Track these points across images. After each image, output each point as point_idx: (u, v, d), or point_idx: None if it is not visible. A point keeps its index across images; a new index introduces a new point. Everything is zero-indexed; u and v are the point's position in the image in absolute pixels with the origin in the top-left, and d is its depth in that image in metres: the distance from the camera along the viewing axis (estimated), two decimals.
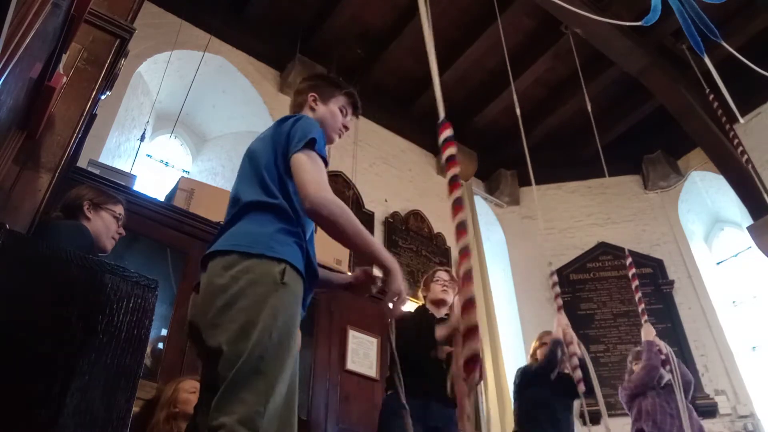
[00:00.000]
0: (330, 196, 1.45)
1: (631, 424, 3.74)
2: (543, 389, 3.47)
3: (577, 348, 3.51)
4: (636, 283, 4.14)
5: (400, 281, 1.51)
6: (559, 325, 3.54)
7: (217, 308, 1.33)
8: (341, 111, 1.85)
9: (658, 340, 3.92)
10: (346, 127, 1.88)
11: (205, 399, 1.35)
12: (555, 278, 3.75)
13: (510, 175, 7.80)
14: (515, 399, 3.65)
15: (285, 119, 1.70)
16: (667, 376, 3.75)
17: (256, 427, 1.19)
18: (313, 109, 1.81)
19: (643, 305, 4.08)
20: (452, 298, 3.11)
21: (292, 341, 1.33)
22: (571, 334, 3.58)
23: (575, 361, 3.32)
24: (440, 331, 2.54)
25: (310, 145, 1.54)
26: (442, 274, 3.15)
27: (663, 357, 3.78)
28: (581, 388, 3.13)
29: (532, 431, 3.42)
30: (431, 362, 2.83)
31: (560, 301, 3.63)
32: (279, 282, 1.33)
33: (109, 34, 2.22)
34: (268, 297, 1.31)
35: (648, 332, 3.94)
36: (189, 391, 2.58)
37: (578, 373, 3.21)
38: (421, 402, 2.70)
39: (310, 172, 1.48)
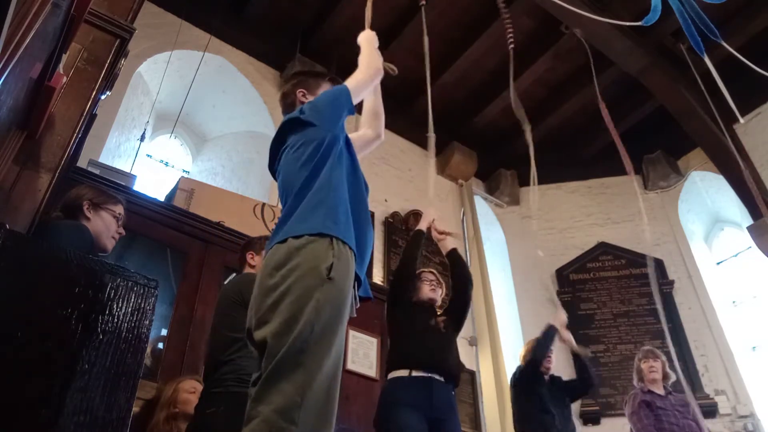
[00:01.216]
0: (355, 85, 1.84)
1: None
2: (539, 389, 3.49)
3: (572, 344, 3.64)
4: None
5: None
6: (557, 319, 3.65)
7: (267, 306, 1.36)
8: None
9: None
10: None
11: None
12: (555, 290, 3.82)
13: (510, 175, 7.79)
14: (513, 401, 3.65)
15: (289, 119, 1.73)
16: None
17: (293, 418, 1.19)
18: (304, 104, 1.83)
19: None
20: (440, 296, 3.14)
21: (335, 337, 1.34)
22: (568, 335, 3.68)
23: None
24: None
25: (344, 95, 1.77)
26: (428, 275, 3.17)
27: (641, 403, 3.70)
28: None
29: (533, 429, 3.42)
30: (430, 333, 2.84)
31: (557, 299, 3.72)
32: (325, 278, 1.35)
33: (109, 34, 2.22)
34: (313, 292, 1.33)
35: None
36: (189, 391, 2.59)
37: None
38: (422, 380, 2.68)
39: (356, 91, 1.83)
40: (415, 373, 2.71)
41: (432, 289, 3.09)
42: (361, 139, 1.99)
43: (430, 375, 2.71)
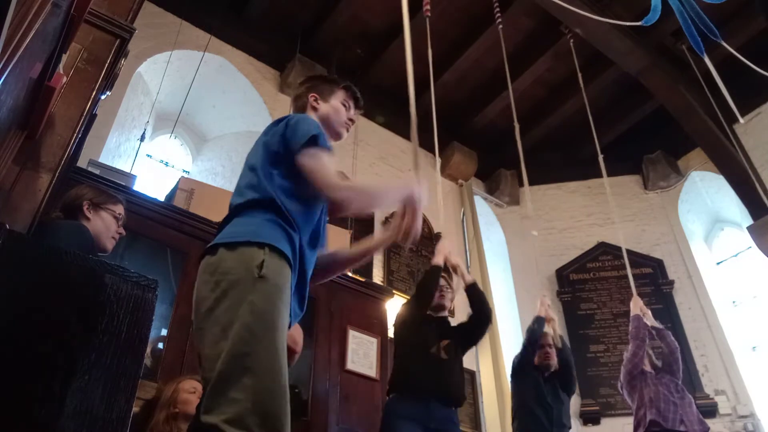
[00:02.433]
0: (339, 187, 1.53)
1: (634, 412, 3.72)
2: (535, 380, 3.50)
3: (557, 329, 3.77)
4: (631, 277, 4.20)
5: (415, 199, 1.56)
6: (543, 304, 3.76)
7: (203, 313, 1.33)
8: (344, 105, 1.86)
9: (645, 310, 3.99)
10: (351, 120, 1.89)
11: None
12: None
13: (510, 175, 7.80)
14: (512, 391, 3.66)
15: (278, 121, 1.70)
16: (654, 358, 3.84)
17: (247, 425, 1.16)
18: (315, 109, 1.82)
19: (633, 285, 4.18)
20: (450, 302, 3.13)
21: (278, 333, 1.30)
22: (553, 316, 3.83)
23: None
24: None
25: (312, 142, 1.55)
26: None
27: (648, 330, 3.86)
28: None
29: (527, 422, 3.42)
30: (432, 361, 2.84)
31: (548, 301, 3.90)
32: (256, 277, 1.32)
33: (109, 34, 2.21)
34: (246, 294, 1.30)
35: (635, 304, 4.00)
36: (188, 391, 2.58)
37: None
38: (422, 403, 2.72)
39: (317, 171, 1.53)
40: (414, 398, 2.74)
41: (441, 296, 3.10)
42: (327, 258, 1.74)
43: (429, 401, 2.74)
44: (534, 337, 3.61)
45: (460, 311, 6.02)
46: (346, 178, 1.67)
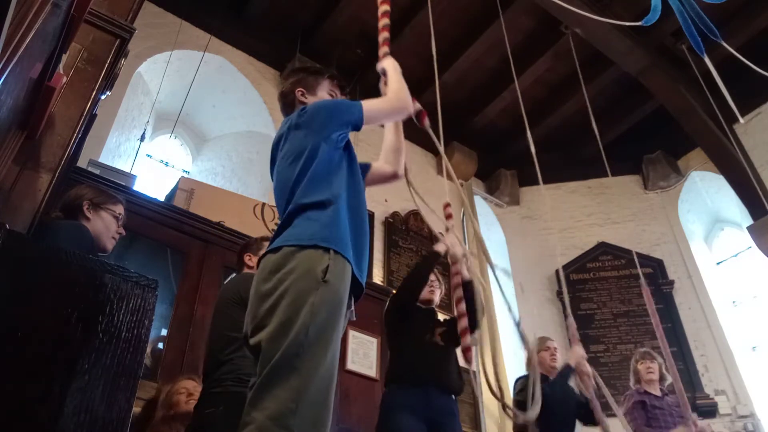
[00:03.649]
0: (399, 100, 1.80)
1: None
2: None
3: (592, 380, 3.40)
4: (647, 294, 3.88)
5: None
6: (574, 354, 3.45)
7: (264, 311, 1.35)
8: (331, 95, 1.86)
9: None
10: None
11: None
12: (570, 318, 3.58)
13: (510, 175, 7.80)
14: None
15: (292, 117, 1.71)
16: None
17: (287, 424, 1.17)
18: (303, 104, 1.80)
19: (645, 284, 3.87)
20: (438, 297, 3.12)
21: (331, 341, 1.32)
22: (588, 368, 3.44)
23: (590, 388, 3.26)
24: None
25: (358, 110, 1.69)
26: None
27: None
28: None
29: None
30: (428, 347, 2.83)
31: (577, 334, 3.53)
32: (321, 280, 1.33)
33: (109, 34, 2.21)
34: (308, 295, 1.31)
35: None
36: (184, 392, 2.59)
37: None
38: (421, 390, 2.69)
39: (381, 114, 1.79)
40: (412, 387, 2.71)
41: (431, 291, 3.09)
42: (377, 172, 1.91)
43: (427, 388, 2.71)
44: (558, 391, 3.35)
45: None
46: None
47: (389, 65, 1.92)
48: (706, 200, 7.32)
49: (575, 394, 3.56)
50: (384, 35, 2.09)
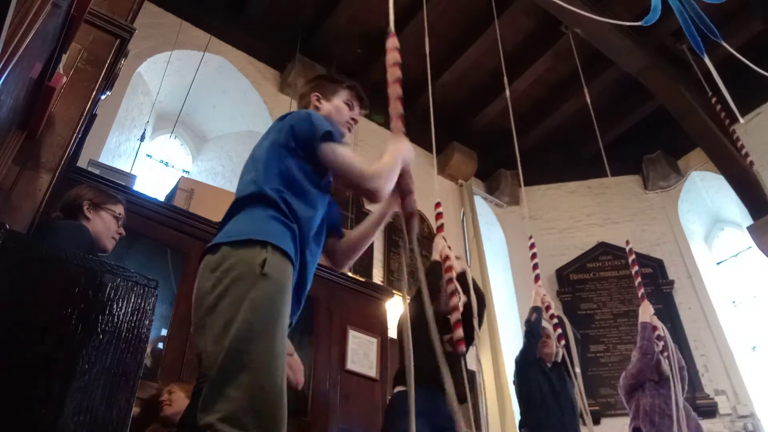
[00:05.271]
0: (371, 175, 1.57)
1: (630, 420, 3.71)
2: (542, 372, 3.46)
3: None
4: (636, 268, 4.12)
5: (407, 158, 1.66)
6: (537, 294, 3.76)
7: (204, 310, 1.32)
8: (347, 105, 1.86)
9: (655, 320, 3.78)
10: (354, 120, 1.88)
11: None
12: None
13: (510, 175, 7.80)
14: (517, 392, 3.60)
15: (282, 117, 1.70)
16: (664, 366, 3.70)
17: (243, 424, 1.15)
18: (318, 108, 1.81)
19: (642, 289, 3.99)
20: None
21: (277, 332, 1.29)
22: (549, 300, 3.79)
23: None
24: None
25: (327, 137, 1.57)
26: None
27: (660, 343, 3.67)
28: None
29: (539, 416, 3.36)
30: (438, 351, 2.82)
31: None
32: (259, 274, 1.31)
33: (109, 34, 2.21)
34: (248, 291, 1.29)
35: (645, 311, 3.81)
36: (166, 397, 2.65)
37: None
38: (430, 394, 2.68)
39: (346, 166, 1.57)
40: (421, 390, 2.70)
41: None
42: (332, 245, 1.77)
43: (437, 392, 2.71)
44: (535, 329, 3.57)
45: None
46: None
47: (393, 144, 1.72)
48: (706, 200, 7.32)
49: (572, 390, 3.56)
50: (397, 109, 1.81)
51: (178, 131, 6.26)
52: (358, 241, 1.80)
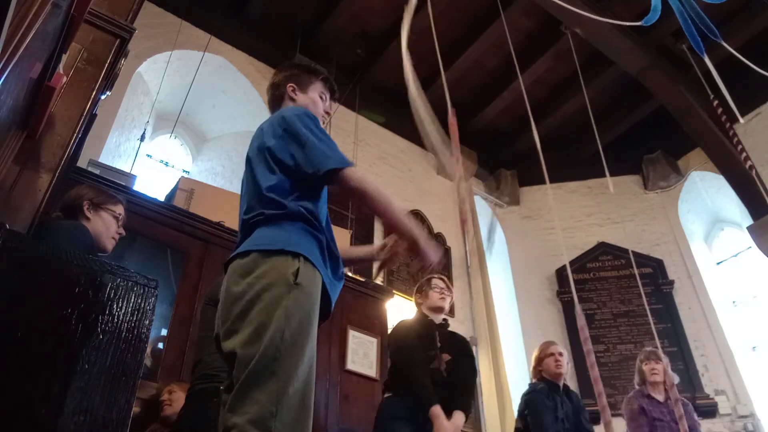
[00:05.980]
0: (362, 179, 1.54)
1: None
2: (549, 404, 3.42)
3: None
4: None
5: (426, 249, 1.59)
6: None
7: (235, 315, 1.34)
8: (321, 97, 1.84)
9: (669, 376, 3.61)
10: (327, 113, 1.87)
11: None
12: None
13: (510, 175, 7.80)
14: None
15: (273, 119, 1.68)
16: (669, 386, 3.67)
17: (268, 427, 1.18)
18: (293, 100, 1.79)
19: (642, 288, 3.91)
20: (448, 304, 3.09)
21: (307, 342, 1.32)
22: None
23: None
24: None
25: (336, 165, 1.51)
26: (438, 282, 3.10)
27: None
28: None
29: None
30: (431, 374, 2.78)
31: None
32: (292, 283, 1.33)
33: (109, 34, 2.21)
34: (281, 299, 1.31)
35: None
36: (168, 397, 2.67)
37: None
38: (421, 411, 2.66)
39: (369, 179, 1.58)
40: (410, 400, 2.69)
41: (441, 297, 3.05)
42: None
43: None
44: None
45: (460, 311, 6.03)
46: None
47: (408, 219, 1.69)
48: (706, 200, 7.32)
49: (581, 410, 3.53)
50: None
51: (178, 131, 6.26)
52: (347, 257, 1.82)
